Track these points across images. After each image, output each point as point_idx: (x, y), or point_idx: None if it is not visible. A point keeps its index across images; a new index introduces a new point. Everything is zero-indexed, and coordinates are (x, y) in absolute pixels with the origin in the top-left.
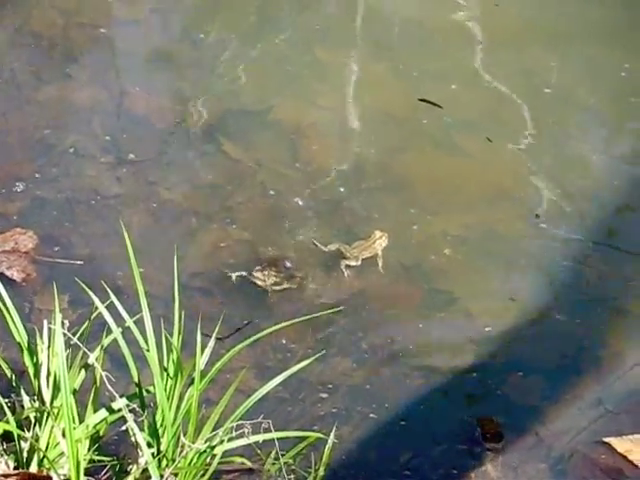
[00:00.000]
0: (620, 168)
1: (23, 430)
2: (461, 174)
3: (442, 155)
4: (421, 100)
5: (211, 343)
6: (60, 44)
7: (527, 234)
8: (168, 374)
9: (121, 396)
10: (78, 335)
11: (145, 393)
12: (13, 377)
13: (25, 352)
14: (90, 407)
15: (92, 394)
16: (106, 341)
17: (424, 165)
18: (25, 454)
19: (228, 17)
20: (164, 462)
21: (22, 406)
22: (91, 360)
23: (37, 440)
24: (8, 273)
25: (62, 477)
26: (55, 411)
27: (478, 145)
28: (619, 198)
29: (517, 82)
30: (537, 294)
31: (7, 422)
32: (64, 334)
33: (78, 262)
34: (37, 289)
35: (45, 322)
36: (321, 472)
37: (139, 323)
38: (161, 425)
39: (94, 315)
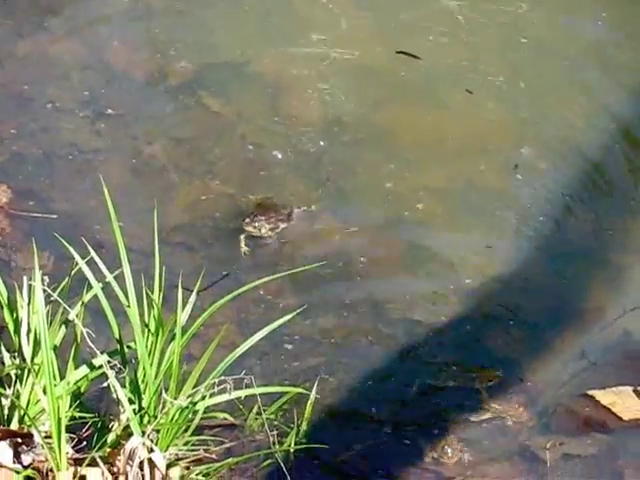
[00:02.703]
0: (599, 118)
1: (4, 387)
2: (442, 126)
3: (422, 107)
4: (399, 52)
5: (192, 298)
6: None
7: (508, 186)
8: (149, 330)
9: (102, 352)
10: (58, 291)
11: (126, 349)
12: None
13: (5, 308)
14: (71, 364)
15: (73, 350)
16: (86, 297)
17: (404, 118)
18: (6, 411)
19: None
20: (146, 418)
21: (2, 363)
22: (71, 316)
23: (18, 397)
24: None
25: (43, 434)
26: (36, 368)
27: (458, 97)
28: (600, 149)
29: (495, 32)
30: (519, 247)
31: None
32: (44, 290)
33: (53, 216)
34: (13, 244)
35: (25, 278)
36: (303, 427)
37: (119, 278)
38: (142, 381)
39: (74, 271)
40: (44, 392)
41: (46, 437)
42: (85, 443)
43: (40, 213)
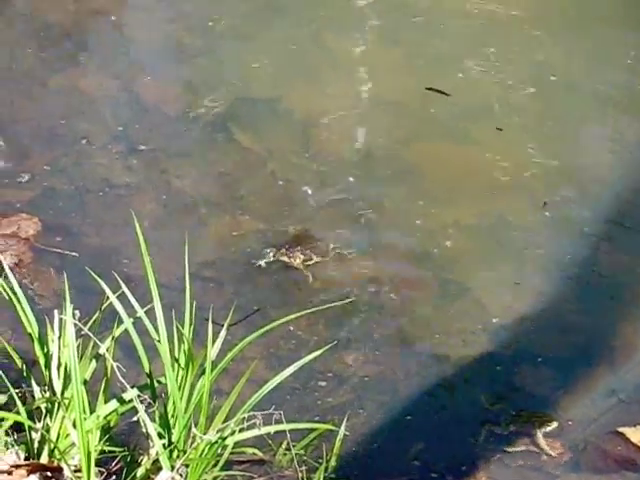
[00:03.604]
0: (629, 156)
1: (34, 421)
2: (471, 163)
3: (452, 144)
4: (428, 89)
5: (222, 333)
6: (71, 32)
7: (538, 223)
8: (179, 365)
9: (132, 386)
10: (89, 325)
11: (156, 383)
12: (24, 367)
13: (36, 342)
14: (101, 397)
15: (103, 384)
16: (117, 332)
17: (434, 154)
18: (36, 445)
19: (237, 4)
20: (175, 453)
21: (33, 396)
22: (102, 351)
23: (48, 431)
24: (1, 257)
25: (73, 468)
26: (66, 402)
27: (487, 133)
28: (630, 186)
29: (525, 69)
30: (549, 283)
31: (18, 413)
32: (74, 324)
33: (73, 253)
34: (29, 275)
35: (55, 312)
36: (332, 463)
37: (149, 313)
38: (172, 416)
39: (105, 305)
40: (74, 426)
41: (76, 471)
42: (115, 477)
43: (63, 249)
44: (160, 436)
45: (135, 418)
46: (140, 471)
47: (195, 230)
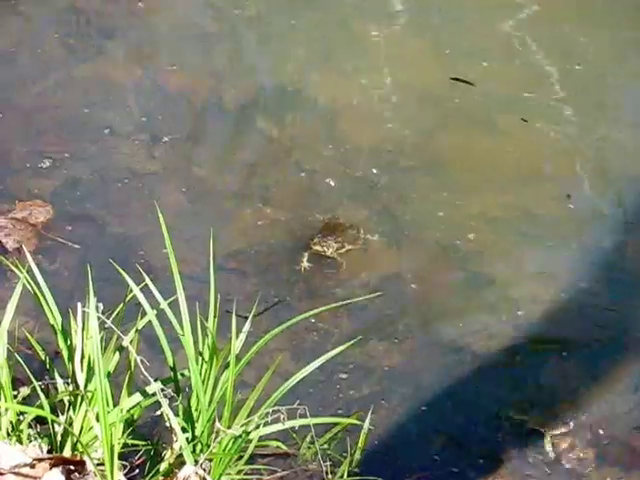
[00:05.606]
0: None
1: (57, 414)
2: (496, 154)
3: (477, 134)
4: (453, 79)
5: (247, 326)
6: (98, 19)
7: (563, 215)
8: (203, 358)
9: (155, 380)
10: (112, 318)
11: (180, 377)
12: (47, 359)
13: (59, 335)
14: (124, 391)
15: (127, 377)
16: (140, 324)
17: (459, 144)
18: (59, 438)
19: None
20: (199, 447)
21: (56, 389)
22: (125, 343)
23: (71, 424)
24: (3, 240)
25: (96, 461)
26: (89, 395)
27: (512, 124)
28: None
29: (550, 60)
30: (574, 276)
31: (41, 406)
32: (98, 317)
33: (75, 245)
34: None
35: (79, 305)
36: (357, 456)
37: (172, 305)
38: (196, 409)
39: (129, 297)
40: (97, 419)
41: (99, 464)
42: (137, 471)
43: (70, 240)
44: (183, 430)
45: (159, 412)
46: (163, 465)
47: (219, 220)
